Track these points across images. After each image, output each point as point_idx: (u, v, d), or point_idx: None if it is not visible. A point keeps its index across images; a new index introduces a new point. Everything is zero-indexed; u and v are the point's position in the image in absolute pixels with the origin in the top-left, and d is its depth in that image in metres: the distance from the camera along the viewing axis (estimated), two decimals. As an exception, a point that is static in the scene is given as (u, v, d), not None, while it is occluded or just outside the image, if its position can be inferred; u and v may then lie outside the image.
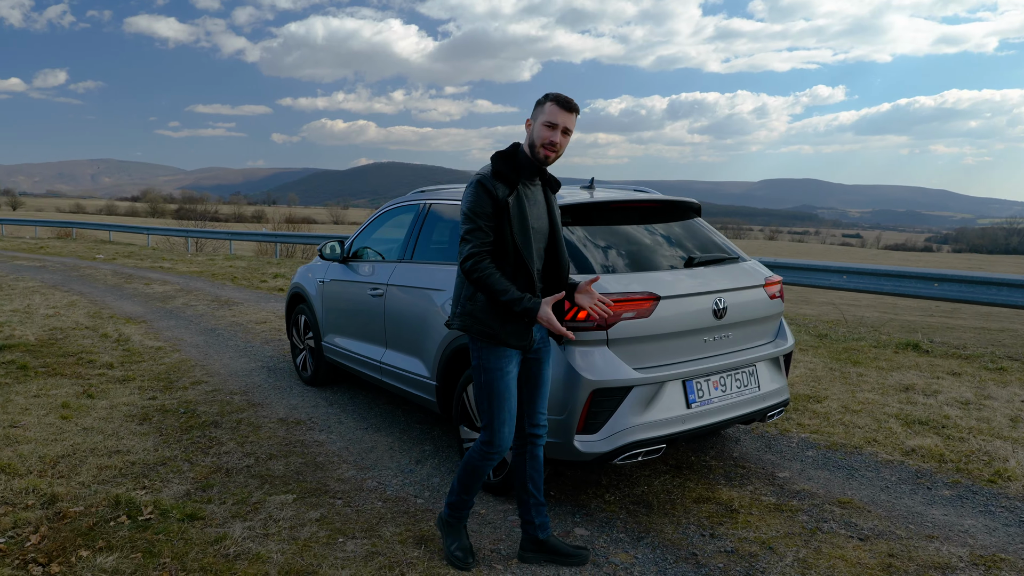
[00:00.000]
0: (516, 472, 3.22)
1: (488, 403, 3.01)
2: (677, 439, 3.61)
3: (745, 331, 3.93)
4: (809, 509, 3.72)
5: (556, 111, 2.94)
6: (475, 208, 2.89)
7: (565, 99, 2.96)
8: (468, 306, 2.99)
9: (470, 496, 3.19)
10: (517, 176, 2.96)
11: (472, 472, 3.12)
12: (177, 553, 3.20)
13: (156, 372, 6.51)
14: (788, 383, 4.35)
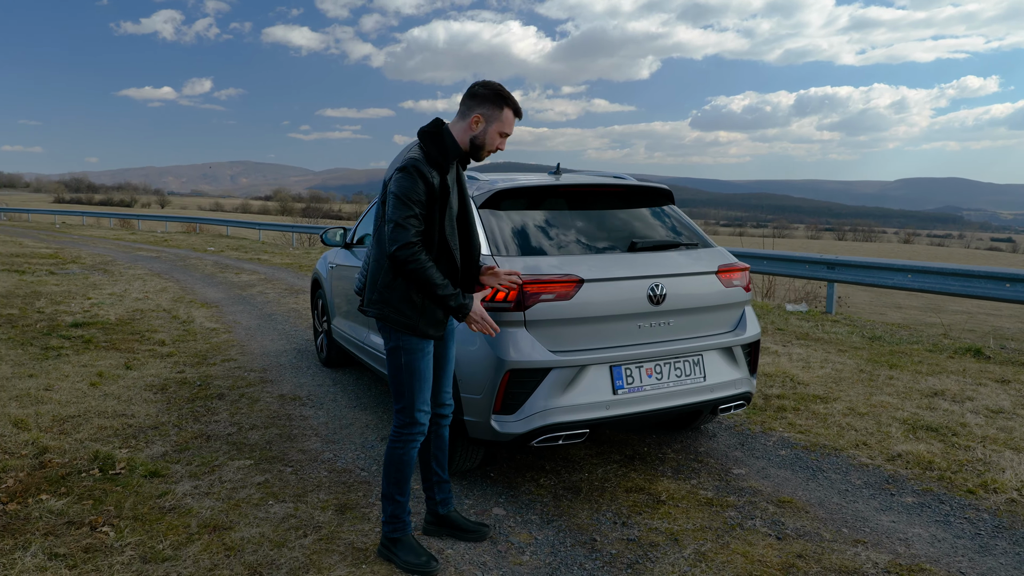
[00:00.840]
0: (422, 451, 3.23)
1: (409, 383, 2.95)
2: (602, 425, 3.55)
3: (690, 319, 3.80)
4: (743, 506, 3.55)
5: (512, 122, 2.91)
6: (410, 194, 2.73)
7: (521, 110, 2.95)
8: (386, 294, 2.88)
9: (404, 497, 3.04)
10: (448, 163, 2.86)
11: (400, 466, 3.01)
12: (120, 502, 3.51)
13: (198, 350, 7.05)
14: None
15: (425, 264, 2.74)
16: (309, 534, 3.25)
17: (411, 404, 2.97)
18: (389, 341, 2.98)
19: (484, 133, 2.90)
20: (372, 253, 3.01)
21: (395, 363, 2.97)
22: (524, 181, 3.98)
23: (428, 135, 2.88)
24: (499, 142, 2.93)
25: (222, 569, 2.94)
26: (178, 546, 3.12)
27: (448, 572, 2.96)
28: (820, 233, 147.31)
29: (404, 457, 3.00)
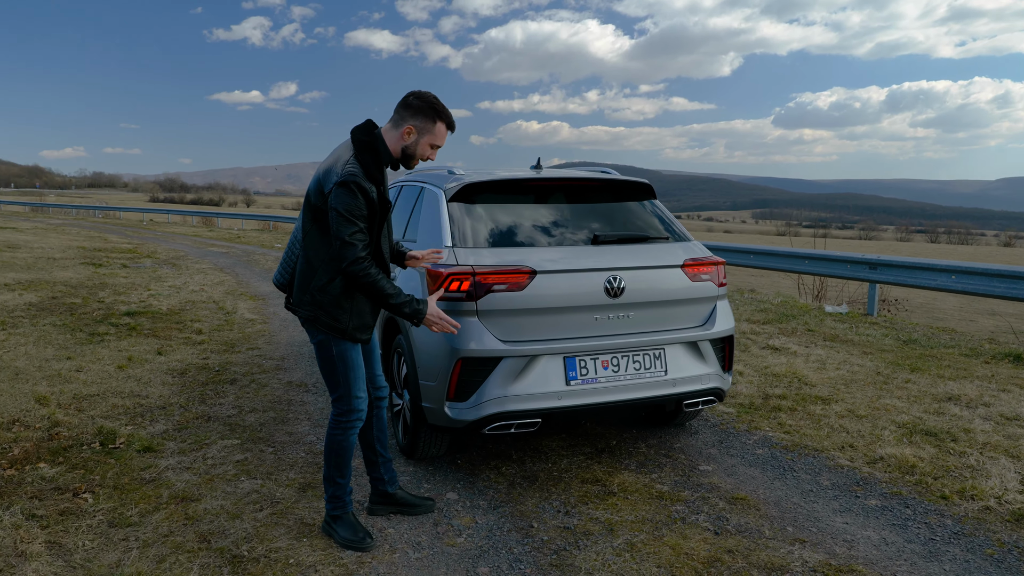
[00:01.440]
0: (363, 434, 3.36)
1: (344, 372, 3.07)
2: (555, 415, 3.58)
3: (652, 312, 3.79)
4: (694, 501, 3.53)
5: (444, 135, 3.01)
6: (353, 212, 2.80)
7: (454, 123, 3.05)
8: (318, 297, 2.95)
9: (345, 479, 3.15)
10: (384, 174, 3.00)
11: (340, 451, 3.10)
12: (106, 473, 3.79)
13: (229, 339, 7.42)
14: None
15: (376, 277, 2.85)
16: (265, 508, 3.43)
17: (347, 393, 3.08)
18: (315, 336, 3.08)
19: (416, 144, 2.99)
20: (299, 254, 3.07)
21: (325, 355, 3.07)
22: (495, 175, 4.05)
23: (364, 145, 2.93)
24: (430, 153, 3.03)
25: (176, 536, 3.15)
26: (145, 513, 3.36)
27: (383, 549, 3.08)
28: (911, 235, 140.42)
29: (344, 443, 3.12)
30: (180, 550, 3.03)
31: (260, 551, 3.03)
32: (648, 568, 2.88)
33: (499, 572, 2.89)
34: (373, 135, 2.96)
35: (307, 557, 2.99)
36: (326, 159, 3.01)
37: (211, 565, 2.91)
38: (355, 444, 3.17)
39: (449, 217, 3.83)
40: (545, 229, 3.91)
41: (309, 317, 3.02)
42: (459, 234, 3.75)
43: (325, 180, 2.89)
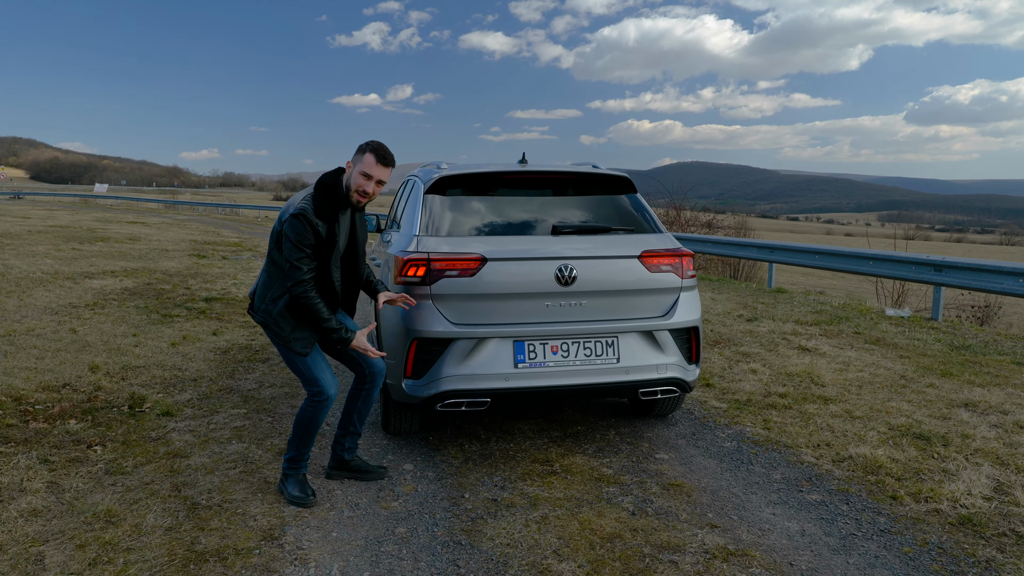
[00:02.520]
0: (348, 403, 3.71)
1: (305, 366, 3.41)
2: (504, 396, 3.77)
3: (606, 301, 3.90)
4: (629, 484, 3.62)
5: (373, 164, 3.29)
6: (301, 240, 3.19)
7: (383, 154, 3.31)
8: (270, 307, 3.33)
9: (307, 448, 3.49)
10: (335, 213, 3.35)
11: (308, 424, 3.44)
12: (120, 429, 4.32)
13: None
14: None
15: (314, 300, 3.24)
16: (239, 467, 3.83)
17: (311, 379, 3.43)
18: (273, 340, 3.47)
19: (351, 176, 3.35)
20: (263, 270, 3.47)
21: (285, 356, 3.44)
22: (469, 169, 4.28)
23: (322, 187, 3.34)
24: (362, 182, 3.31)
25: (155, 484, 3.59)
26: (138, 465, 3.83)
27: (324, 506, 3.39)
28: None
29: (313, 418, 3.47)
30: (153, 495, 3.46)
31: (216, 500, 3.41)
32: (547, 539, 3.04)
33: (414, 533, 3.13)
34: (335, 179, 3.38)
35: (253, 508, 3.34)
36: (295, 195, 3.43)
37: (170, 509, 3.32)
38: (323, 421, 3.52)
39: (423, 208, 4.10)
40: (510, 220, 4.10)
41: (261, 323, 3.43)
42: (429, 223, 4.01)
43: (285, 212, 3.31)
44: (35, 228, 21.04)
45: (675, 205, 19.25)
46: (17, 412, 4.52)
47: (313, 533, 3.13)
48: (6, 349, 6.04)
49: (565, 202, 4.32)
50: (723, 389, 5.43)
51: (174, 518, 3.23)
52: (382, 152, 3.33)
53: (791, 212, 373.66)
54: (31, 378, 5.25)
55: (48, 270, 11.54)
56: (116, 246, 16.79)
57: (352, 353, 3.54)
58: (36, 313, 7.83)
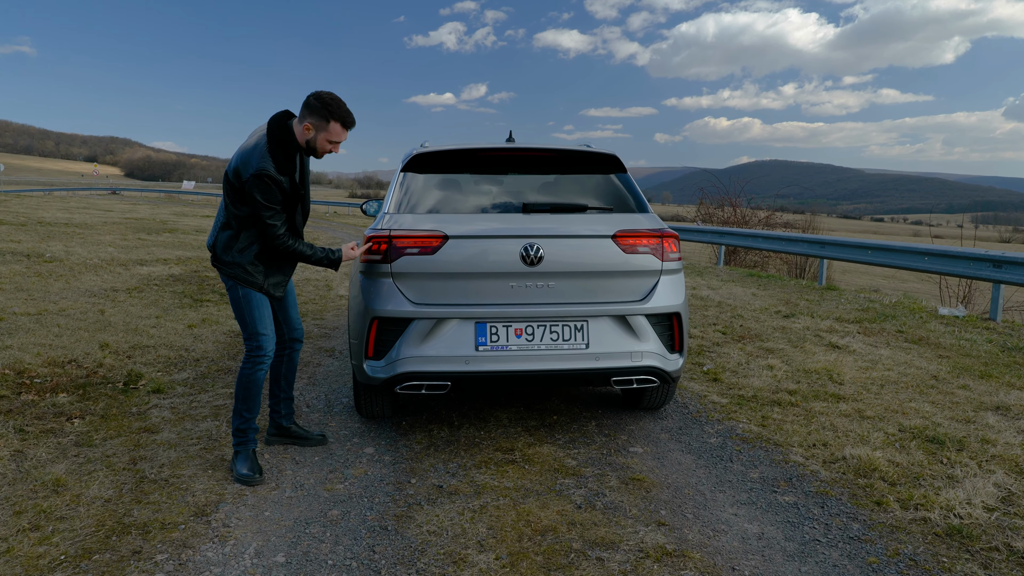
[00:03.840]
0: (273, 369, 3.74)
1: (249, 312, 3.45)
2: (463, 380, 3.61)
3: (575, 283, 3.69)
4: (587, 477, 3.41)
5: (340, 132, 3.33)
6: (270, 199, 3.24)
7: (351, 121, 3.35)
8: (238, 257, 3.35)
9: (252, 414, 3.45)
10: (293, 163, 3.34)
11: (248, 384, 3.42)
12: (104, 404, 4.38)
13: (307, 310, 8.09)
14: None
15: (295, 246, 3.37)
16: (200, 444, 3.81)
17: (255, 331, 3.44)
18: (226, 283, 3.47)
19: (315, 140, 3.34)
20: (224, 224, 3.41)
21: (233, 298, 3.46)
22: (446, 146, 4.14)
23: (276, 140, 3.27)
24: (329, 147, 3.36)
25: (115, 457, 3.60)
26: (107, 439, 3.86)
27: (268, 485, 3.32)
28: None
29: (252, 377, 3.45)
30: (108, 468, 3.46)
31: (165, 475, 3.39)
32: (476, 528, 2.87)
33: (345, 516, 3.02)
34: (286, 129, 3.32)
35: (198, 484, 3.30)
36: (246, 140, 3.37)
37: (118, 481, 3.31)
38: (262, 381, 3.48)
39: (398, 186, 3.99)
40: (483, 198, 3.94)
41: (231, 275, 3.40)
42: (403, 202, 3.90)
43: (243, 167, 3.25)
44: (112, 220, 22.11)
45: (731, 202, 18.59)
46: (14, 384, 4.65)
47: (246, 512, 3.06)
48: (30, 327, 6.27)
49: (545, 181, 4.14)
50: (730, 384, 5.11)
51: (117, 490, 3.22)
52: (347, 117, 3.33)
53: (876, 213, 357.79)
54: (41, 353, 5.42)
55: (106, 257, 12.04)
56: (181, 237, 17.43)
57: (277, 314, 3.64)
58: (75, 295, 8.14)
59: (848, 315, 8.13)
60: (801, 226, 20.71)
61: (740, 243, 13.48)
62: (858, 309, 8.60)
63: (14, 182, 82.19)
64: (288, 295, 3.70)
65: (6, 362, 5.13)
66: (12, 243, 13.08)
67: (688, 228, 15.46)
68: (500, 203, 3.90)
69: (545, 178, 4.16)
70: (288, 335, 3.73)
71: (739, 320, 7.78)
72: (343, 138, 3.36)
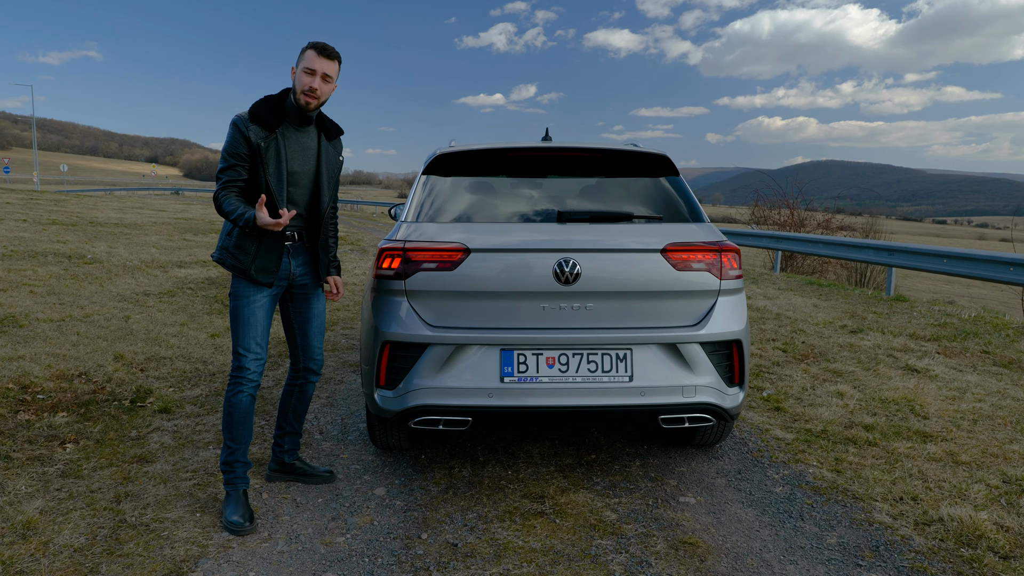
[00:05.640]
0: (283, 400, 3.38)
1: (234, 327, 3.08)
2: (488, 415, 3.13)
3: (618, 305, 3.16)
4: (630, 537, 2.88)
5: (314, 57, 2.98)
6: (229, 148, 2.96)
7: (323, 46, 3.01)
8: (226, 241, 3.08)
9: (237, 444, 3.07)
10: (276, 120, 2.99)
11: (230, 410, 3.06)
12: (102, 426, 4.03)
13: (338, 318, 7.73)
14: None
15: (223, 200, 2.95)
16: (195, 479, 3.41)
17: (236, 348, 3.07)
18: (230, 287, 3.15)
19: (295, 80, 3.03)
20: None
21: (230, 308, 3.11)
22: (472, 146, 3.67)
23: (264, 98, 3.04)
24: (307, 80, 2.97)
25: (99, 493, 3.22)
26: (97, 468, 3.50)
27: (260, 536, 2.90)
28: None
29: (231, 400, 3.07)
30: (89, 507, 3.09)
31: (148, 518, 2.99)
32: (492, 607, 2.38)
33: (341, 582, 2.56)
34: (283, 91, 3.09)
35: (180, 532, 2.89)
36: None
37: (95, 524, 2.93)
38: (246, 406, 3.08)
39: (419, 190, 3.54)
40: (513, 204, 3.46)
41: (220, 260, 3.10)
42: (423, 209, 3.44)
43: None
44: (161, 220, 22.35)
45: (788, 204, 17.68)
46: (15, 402, 4.35)
47: (228, 571, 2.62)
48: (48, 335, 6.03)
49: (586, 185, 3.63)
50: (795, 415, 4.50)
51: (91, 537, 2.83)
52: (322, 44, 3.02)
53: (938, 215, 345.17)
54: (52, 365, 5.14)
55: (146, 258, 11.95)
56: (224, 237, 17.44)
57: (297, 339, 3.28)
58: (105, 299, 7.94)
59: (923, 331, 7.37)
60: (862, 229, 19.65)
61: (799, 249, 12.68)
62: (934, 324, 7.83)
63: (78, 182, 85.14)
64: (314, 318, 3.28)
65: (13, 375, 4.86)
66: (58, 244, 13.13)
67: (741, 232, 14.68)
68: (532, 211, 3.41)
69: (585, 182, 3.66)
70: (303, 363, 3.31)
71: (801, 335, 7.11)
72: (318, 66, 2.96)
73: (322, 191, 3.15)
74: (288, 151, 3.03)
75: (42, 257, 11.11)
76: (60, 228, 16.28)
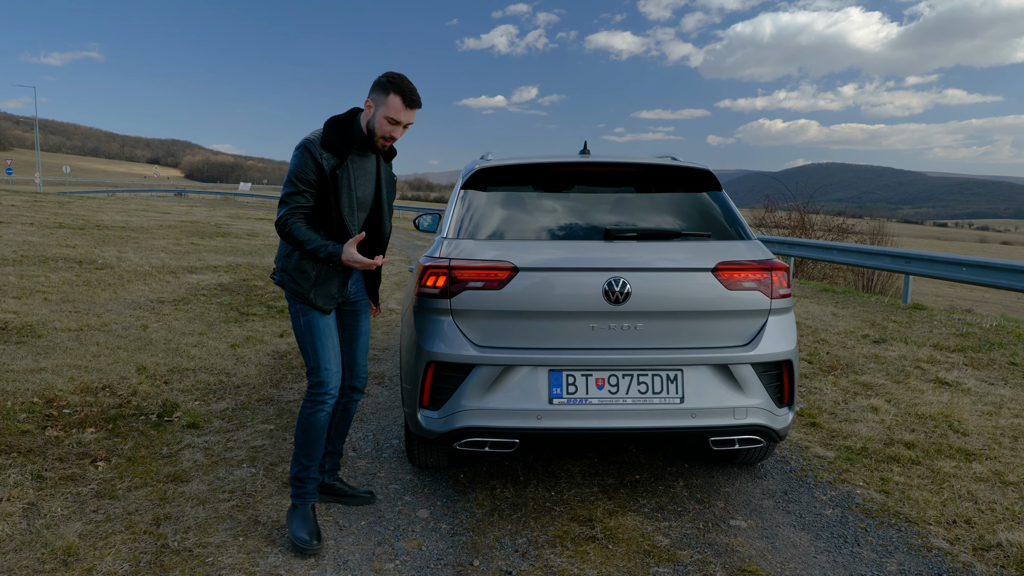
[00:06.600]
0: None
1: (312, 342, 3.00)
2: (536, 437, 3.07)
3: (669, 324, 3.10)
4: (686, 564, 2.81)
5: (401, 109, 2.86)
6: (298, 173, 2.85)
7: (411, 96, 2.87)
8: (284, 263, 3.01)
9: (311, 461, 3.04)
10: (348, 148, 2.91)
11: (307, 427, 3.02)
12: (133, 443, 3.97)
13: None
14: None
15: (295, 227, 2.85)
16: (233, 499, 3.34)
17: (317, 365, 3.01)
18: (291, 306, 3.07)
19: (373, 119, 2.90)
20: None
21: (296, 324, 3.05)
22: (512, 160, 3.62)
23: (334, 121, 2.94)
24: (388, 129, 2.89)
25: (137, 515, 3.16)
26: (132, 488, 3.43)
27: (307, 562, 2.82)
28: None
29: (311, 418, 3.01)
30: (128, 530, 3.02)
31: (190, 543, 2.93)
32: (557, 642, 2.31)
33: (396, 612, 2.50)
34: (351, 112, 2.99)
35: (226, 558, 2.82)
36: None
37: (137, 550, 2.86)
38: (325, 423, 3.05)
39: (458, 205, 3.48)
40: (557, 221, 3.39)
41: (279, 282, 3.05)
42: (463, 225, 3.38)
43: None
44: (167, 223, 22.28)
45: (798, 208, 17.62)
46: (41, 417, 4.28)
47: (279, 600, 2.56)
48: (68, 345, 5.97)
49: (628, 201, 3.57)
50: (832, 431, 4.44)
51: (134, 564, 2.76)
52: (410, 94, 2.86)
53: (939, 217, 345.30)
54: (75, 378, 5.07)
55: (157, 263, 11.89)
56: (233, 241, 17.35)
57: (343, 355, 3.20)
58: (120, 307, 7.88)
59: (947, 342, 7.31)
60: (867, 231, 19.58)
61: (812, 255, 12.62)
62: (956, 334, 7.77)
63: (80, 183, 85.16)
64: (361, 335, 3.24)
65: (36, 388, 4.79)
66: (67, 248, 13.07)
67: (753, 237, 14.59)
68: (577, 227, 3.34)
69: (627, 197, 3.59)
70: (349, 380, 3.24)
71: (824, 346, 7.05)
72: (403, 118, 2.87)
73: (383, 215, 3.12)
74: (355, 177, 2.97)
75: (53, 262, 11.05)
76: (68, 232, 16.21)
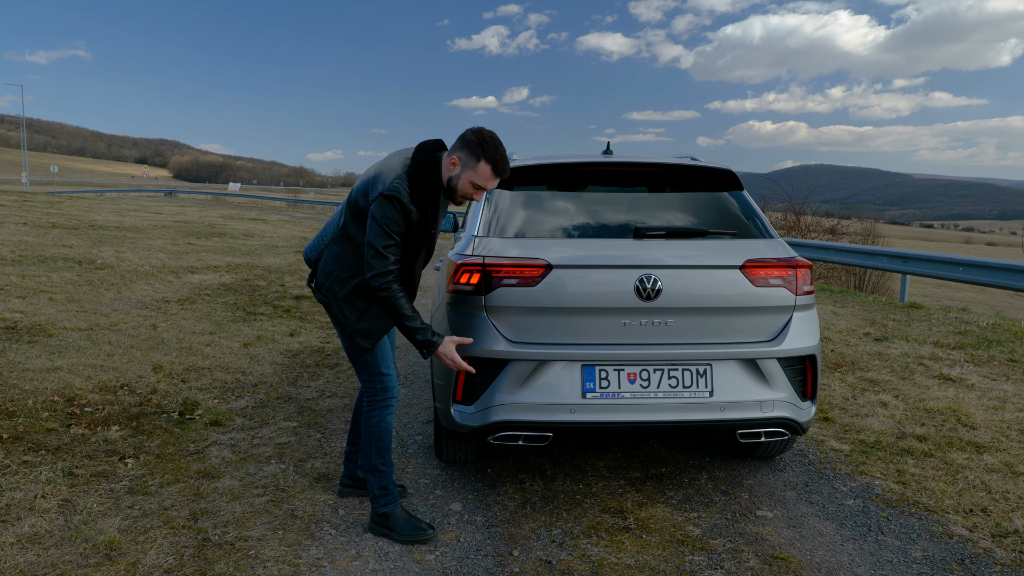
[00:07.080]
0: (355, 413, 3.36)
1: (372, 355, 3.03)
2: (569, 430, 3.14)
3: (698, 320, 3.18)
4: (720, 552, 2.89)
5: (489, 178, 2.81)
6: (390, 226, 2.75)
7: (503, 166, 2.81)
8: (336, 287, 2.94)
9: (388, 467, 3.07)
10: (435, 203, 2.90)
11: (380, 434, 3.05)
12: (160, 440, 4.00)
13: (362, 325, 7.70)
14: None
15: (397, 295, 2.79)
16: (267, 494, 3.39)
17: (376, 371, 3.05)
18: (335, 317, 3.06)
19: (458, 178, 2.83)
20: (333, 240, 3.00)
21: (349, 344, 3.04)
22: (540, 160, 3.68)
23: (420, 166, 2.83)
24: (471, 192, 2.84)
25: (173, 510, 3.20)
26: (164, 484, 3.47)
27: (348, 553, 2.88)
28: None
29: (382, 424, 3.05)
30: (167, 524, 3.06)
31: (231, 537, 2.97)
32: (605, 627, 2.38)
33: (443, 601, 2.56)
34: (434, 158, 2.86)
35: (268, 551, 2.87)
36: (381, 162, 2.91)
37: (178, 543, 2.90)
38: (392, 425, 3.10)
39: (487, 204, 3.54)
40: (586, 220, 3.46)
41: (323, 302, 3.02)
42: (493, 223, 3.44)
43: (372, 187, 2.81)
44: (161, 223, 22.18)
45: (793, 209, 17.80)
46: (63, 415, 4.31)
47: (326, 590, 2.62)
48: (81, 345, 5.98)
49: (654, 200, 3.64)
50: (845, 425, 4.54)
51: (178, 557, 2.81)
52: (502, 163, 2.79)
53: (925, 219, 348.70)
54: (92, 376, 5.10)
55: (156, 263, 11.87)
56: (229, 241, 17.30)
57: None
58: (127, 307, 7.88)
59: (946, 339, 7.44)
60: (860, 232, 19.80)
61: (812, 255, 12.76)
62: (955, 332, 7.91)
63: (67, 183, 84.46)
64: (394, 333, 3.29)
65: (55, 387, 4.81)
66: (65, 248, 13.01)
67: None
68: (606, 226, 3.41)
69: (653, 196, 3.67)
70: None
71: (828, 343, 7.16)
72: (490, 186, 2.82)
73: (432, 247, 3.09)
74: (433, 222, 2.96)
75: (52, 262, 11.01)
76: (62, 232, 16.12)
